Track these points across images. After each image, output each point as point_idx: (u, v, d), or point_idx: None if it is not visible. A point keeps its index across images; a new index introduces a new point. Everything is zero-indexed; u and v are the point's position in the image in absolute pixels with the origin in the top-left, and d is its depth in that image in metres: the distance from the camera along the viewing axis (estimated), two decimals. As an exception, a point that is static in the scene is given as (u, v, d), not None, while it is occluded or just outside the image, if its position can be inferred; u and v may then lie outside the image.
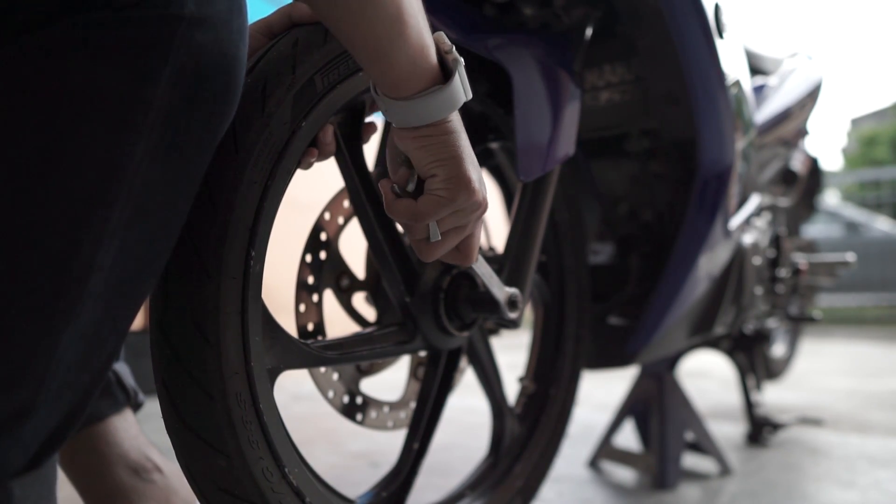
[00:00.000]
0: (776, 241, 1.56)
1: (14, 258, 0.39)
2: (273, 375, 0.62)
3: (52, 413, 0.44)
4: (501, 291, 0.77)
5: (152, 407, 0.57)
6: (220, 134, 0.50)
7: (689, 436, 1.38)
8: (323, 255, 0.78)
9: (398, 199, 0.56)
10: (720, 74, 1.00)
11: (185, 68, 0.44)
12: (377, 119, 0.75)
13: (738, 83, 1.09)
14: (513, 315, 0.79)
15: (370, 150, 0.77)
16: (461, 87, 0.53)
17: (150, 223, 0.45)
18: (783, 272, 1.57)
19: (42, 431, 0.44)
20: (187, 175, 0.47)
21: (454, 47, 0.54)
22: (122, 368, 0.80)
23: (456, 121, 0.54)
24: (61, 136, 0.39)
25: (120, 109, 0.41)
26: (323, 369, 0.76)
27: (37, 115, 0.39)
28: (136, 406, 0.80)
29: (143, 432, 0.80)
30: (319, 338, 0.76)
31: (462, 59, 0.54)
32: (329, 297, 0.81)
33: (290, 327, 0.73)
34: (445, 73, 0.53)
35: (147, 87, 0.42)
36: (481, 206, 0.57)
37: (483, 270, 0.75)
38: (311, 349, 0.67)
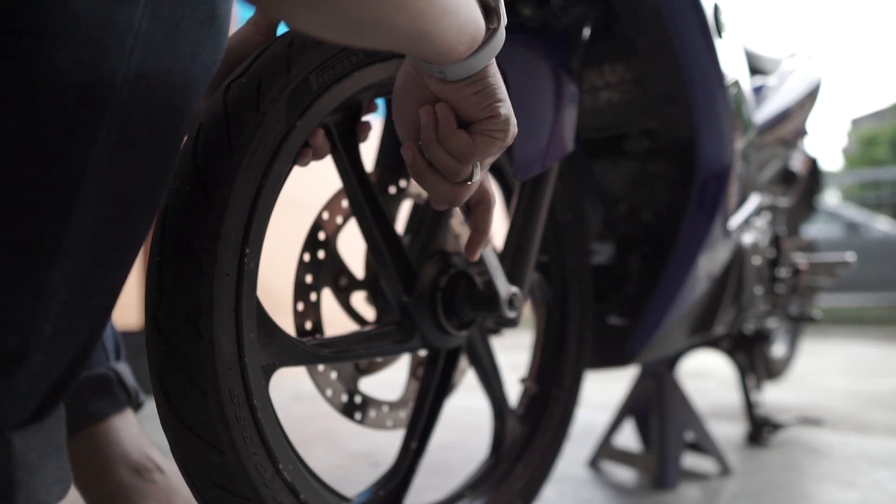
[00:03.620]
0: (776, 241, 1.56)
1: None
2: (268, 372, 0.62)
3: (50, 361, 0.43)
4: (504, 286, 0.78)
5: (153, 407, 0.57)
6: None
7: (689, 436, 1.38)
8: (321, 254, 0.78)
9: (455, 133, 0.53)
10: (719, 74, 1.00)
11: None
12: (374, 119, 0.75)
13: (737, 83, 1.09)
14: (512, 314, 0.79)
15: (368, 149, 0.77)
16: (504, 19, 0.49)
17: (137, 155, 0.43)
18: (783, 272, 1.57)
19: (41, 381, 0.43)
20: (176, 104, 0.45)
21: None
22: (122, 368, 0.79)
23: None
24: (36, 66, 0.37)
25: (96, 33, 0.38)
26: (321, 368, 0.76)
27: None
28: (138, 406, 0.80)
29: (144, 432, 0.79)
30: (317, 336, 0.76)
31: None
32: (330, 298, 0.81)
33: (289, 327, 0.73)
34: (488, 14, 0.49)
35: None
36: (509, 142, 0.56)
37: (491, 260, 0.78)
38: (306, 346, 0.67)
